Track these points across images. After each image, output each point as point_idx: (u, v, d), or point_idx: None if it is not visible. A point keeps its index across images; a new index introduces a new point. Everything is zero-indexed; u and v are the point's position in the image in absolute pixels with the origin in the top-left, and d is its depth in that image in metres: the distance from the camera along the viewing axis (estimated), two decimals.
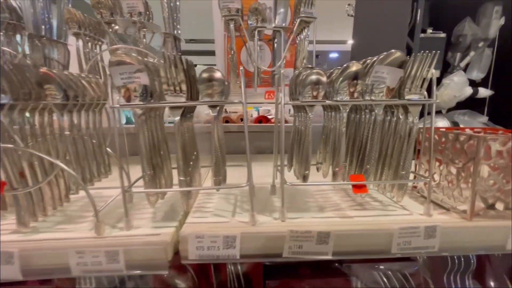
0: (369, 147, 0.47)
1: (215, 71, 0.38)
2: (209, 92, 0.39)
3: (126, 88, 0.39)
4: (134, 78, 0.39)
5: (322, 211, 0.49)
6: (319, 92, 0.40)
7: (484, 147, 0.43)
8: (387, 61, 0.40)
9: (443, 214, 0.48)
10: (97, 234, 0.42)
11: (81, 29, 0.65)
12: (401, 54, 0.39)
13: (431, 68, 0.42)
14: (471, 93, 0.97)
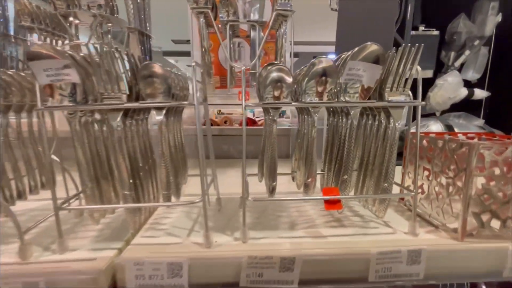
0: (346, 156, 0.41)
1: (154, 66, 0.32)
2: (149, 92, 0.33)
3: (51, 86, 0.33)
4: (63, 76, 0.33)
5: (292, 229, 0.43)
6: (282, 91, 0.34)
7: (478, 155, 0.37)
8: (361, 56, 0.33)
9: (431, 233, 0.42)
10: (22, 258, 0.35)
11: (34, 23, 0.59)
12: (378, 47, 0.33)
13: (415, 64, 0.36)
14: (466, 94, 0.91)
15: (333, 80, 0.34)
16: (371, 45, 0.33)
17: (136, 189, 0.39)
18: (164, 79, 0.32)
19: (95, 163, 0.39)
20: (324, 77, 0.34)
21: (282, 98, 0.35)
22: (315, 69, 0.33)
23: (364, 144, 0.47)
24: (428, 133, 0.50)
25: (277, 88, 0.34)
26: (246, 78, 0.85)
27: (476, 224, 0.39)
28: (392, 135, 0.39)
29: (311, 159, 0.41)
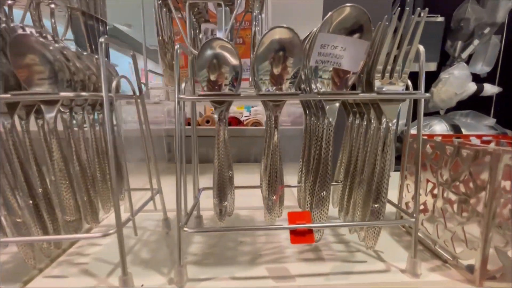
0: (322, 166, 0.30)
1: (28, 38, 0.21)
2: (25, 77, 0.22)
3: None
4: None
5: (253, 264, 0.32)
6: (222, 75, 0.24)
7: (504, 169, 0.26)
8: (335, 24, 0.23)
9: (438, 271, 0.31)
10: None
11: None
12: (360, 10, 0.23)
13: (416, 40, 0.25)
14: (474, 90, 0.80)
15: (297, 60, 0.24)
16: (350, 7, 0.22)
17: (34, 214, 0.28)
18: (43, 57, 0.22)
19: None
20: (282, 52, 0.23)
21: (223, 86, 0.24)
22: (269, 44, 0.23)
23: (350, 150, 0.36)
24: (432, 135, 0.39)
25: (213, 71, 0.23)
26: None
27: (501, 262, 0.28)
28: (384, 138, 0.28)
29: (276, 170, 0.30)
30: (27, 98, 0.23)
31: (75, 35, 0.52)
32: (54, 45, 0.23)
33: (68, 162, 0.27)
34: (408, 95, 0.26)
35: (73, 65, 0.25)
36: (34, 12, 0.50)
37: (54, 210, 0.30)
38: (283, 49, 0.23)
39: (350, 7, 0.22)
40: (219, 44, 0.23)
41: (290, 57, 0.23)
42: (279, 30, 0.22)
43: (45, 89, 0.23)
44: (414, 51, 0.26)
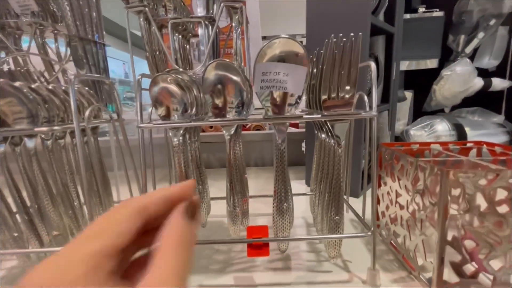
0: (278, 182, 0.31)
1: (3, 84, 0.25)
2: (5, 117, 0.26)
3: None
4: None
5: (222, 273, 0.35)
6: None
7: (455, 184, 0.26)
8: (269, 56, 0.24)
9: (400, 282, 0.31)
10: None
11: None
12: (291, 41, 0.24)
13: (357, 59, 0.26)
14: (481, 85, 0.76)
15: (237, 93, 0.25)
16: (280, 40, 0.24)
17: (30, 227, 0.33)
18: (19, 100, 0.26)
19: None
20: (220, 86, 0.25)
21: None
22: (205, 78, 0.25)
23: (317, 161, 0.38)
24: (393, 144, 0.39)
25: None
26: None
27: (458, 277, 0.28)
28: (334, 155, 0.29)
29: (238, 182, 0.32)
30: (7, 134, 0.27)
31: (74, 58, 0.57)
32: (30, 86, 0.27)
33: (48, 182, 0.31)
34: (350, 115, 0.27)
35: (50, 101, 0.29)
36: (39, 39, 0.56)
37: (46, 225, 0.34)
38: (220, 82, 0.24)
39: (282, 39, 0.24)
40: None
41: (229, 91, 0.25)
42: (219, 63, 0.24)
43: (24, 126, 0.27)
44: (355, 73, 0.26)
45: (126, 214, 0.15)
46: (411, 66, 0.78)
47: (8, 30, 0.56)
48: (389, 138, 0.67)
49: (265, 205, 0.54)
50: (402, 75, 0.82)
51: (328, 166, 0.32)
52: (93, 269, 0.13)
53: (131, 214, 0.15)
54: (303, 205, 0.53)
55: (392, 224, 0.37)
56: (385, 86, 0.66)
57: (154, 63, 0.57)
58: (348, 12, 0.52)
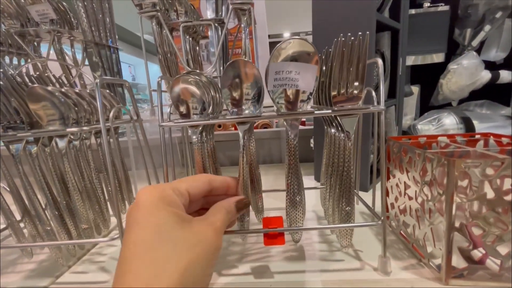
0: (291, 176, 0.33)
1: (36, 90, 0.27)
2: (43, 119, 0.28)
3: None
4: None
5: (240, 261, 0.37)
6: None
7: (462, 174, 0.28)
8: (283, 56, 0.26)
9: (410, 269, 0.33)
10: None
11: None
12: (303, 42, 0.25)
13: (365, 57, 0.27)
14: (489, 78, 0.76)
15: (254, 84, 0.27)
16: (293, 41, 0.25)
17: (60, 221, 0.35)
18: (52, 103, 0.28)
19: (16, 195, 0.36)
20: (238, 79, 0.26)
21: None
22: (226, 76, 0.26)
23: (328, 155, 0.39)
24: (399, 138, 0.41)
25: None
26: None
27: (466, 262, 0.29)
28: (344, 149, 0.31)
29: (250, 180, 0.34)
30: (42, 135, 0.29)
31: (90, 62, 0.60)
32: (61, 90, 0.29)
33: (79, 179, 0.33)
34: (360, 109, 0.28)
35: (78, 104, 0.31)
36: (57, 46, 0.59)
37: (75, 219, 0.36)
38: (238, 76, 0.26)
39: (295, 40, 0.25)
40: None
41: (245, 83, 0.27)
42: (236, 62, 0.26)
43: (56, 127, 0.29)
44: (363, 69, 0.28)
45: (202, 178, 0.25)
46: (417, 61, 0.79)
47: (28, 38, 0.59)
48: (397, 132, 0.68)
49: (275, 200, 0.56)
50: (408, 70, 0.83)
51: (338, 160, 0.33)
52: (175, 195, 0.22)
53: (205, 179, 0.25)
54: (314, 199, 0.55)
55: (401, 215, 0.39)
56: (392, 81, 0.67)
57: (166, 64, 0.59)
58: (354, 9, 0.53)
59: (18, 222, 0.37)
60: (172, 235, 0.19)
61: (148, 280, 0.16)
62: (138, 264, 0.17)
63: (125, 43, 3.90)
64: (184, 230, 0.20)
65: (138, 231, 0.18)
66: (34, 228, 0.37)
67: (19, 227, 0.36)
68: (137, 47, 4.26)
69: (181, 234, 0.19)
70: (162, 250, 0.18)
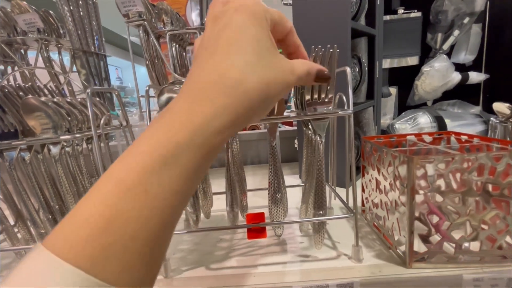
0: (272, 175, 0.36)
1: (30, 101, 0.29)
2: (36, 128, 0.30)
3: None
4: None
5: (227, 257, 0.39)
6: None
7: (419, 169, 0.31)
8: None
9: (381, 256, 0.36)
10: None
11: None
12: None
13: (334, 67, 0.30)
14: (459, 79, 0.81)
15: None
16: None
17: (53, 224, 0.37)
18: (45, 113, 0.30)
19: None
20: None
21: None
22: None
23: (307, 156, 0.42)
24: (372, 137, 0.44)
25: None
26: None
27: (426, 247, 0.33)
28: (317, 149, 0.34)
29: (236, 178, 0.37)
30: (38, 142, 0.31)
31: (78, 70, 0.61)
32: (53, 101, 0.31)
33: (71, 183, 0.35)
34: (330, 114, 0.32)
35: (71, 113, 0.33)
36: (44, 53, 0.60)
37: None
38: None
39: None
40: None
41: None
42: None
43: (49, 135, 0.31)
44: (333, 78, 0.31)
45: (289, 24, 0.23)
46: (393, 63, 0.84)
47: (15, 46, 0.60)
48: (376, 132, 0.72)
49: (262, 199, 0.59)
50: (386, 73, 0.88)
51: (314, 158, 0.37)
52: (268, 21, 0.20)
53: (290, 25, 0.23)
54: (297, 197, 0.58)
55: (375, 208, 0.42)
56: (370, 83, 0.71)
57: (153, 70, 0.61)
58: (330, 18, 0.57)
59: (12, 226, 0.38)
60: (268, 54, 0.18)
61: (243, 68, 0.17)
62: (243, 46, 0.17)
63: (111, 45, 3.85)
64: (277, 57, 0.19)
65: (241, 23, 0.18)
66: (27, 232, 0.39)
67: (13, 231, 0.38)
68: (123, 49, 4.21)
69: (275, 59, 0.19)
70: (262, 56, 0.18)
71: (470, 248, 0.32)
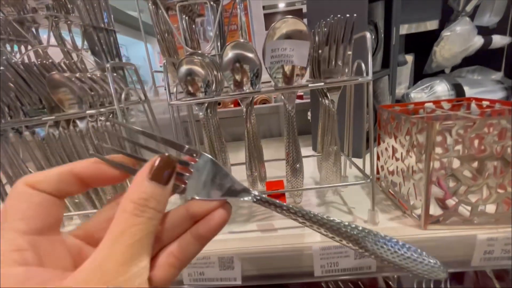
0: (290, 145, 0.37)
1: (55, 77, 0.30)
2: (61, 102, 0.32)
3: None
4: None
5: (247, 222, 0.42)
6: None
7: (439, 134, 0.32)
8: (278, 35, 0.28)
9: (396, 220, 0.38)
10: None
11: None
12: (295, 20, 0.28)
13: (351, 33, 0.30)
14: (482, 44, 0.77)
15: (252, 66, 0.30)
16: (286, 20, 0.28)
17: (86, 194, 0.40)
18: (71, 89, 0.31)
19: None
20: (238, 64, 0.29)
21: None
22: (227, 58, 0.29)
23: (323, 126, 0.43)
24: (389, 106, 0.44)
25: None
26: None
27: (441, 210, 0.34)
28: (332, 118, 0.34)
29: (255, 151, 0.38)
30: (66, 117, 0.32)
31: (90, 45, 0.61)
32: (76, 76, 0.32)
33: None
34: (349, 81, 0.31)
35: (91, 89, 0.34)
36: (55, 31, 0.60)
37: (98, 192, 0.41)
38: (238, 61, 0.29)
39: (287, 19, 0.28)
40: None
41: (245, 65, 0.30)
42: (236, 44, 0.29)
43: (75, 110, 0.32)
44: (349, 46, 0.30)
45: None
46: (411, 29, 0.79)
47: (26, 24, 0.60)
48: (390, 102, 0.71)
49: (276, 170, 0.60)
50: (402, 39, 0.83)
51: (330, 127, 0.37)
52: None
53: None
54: (311, 167, 0.60)
55: (390, 175, 0.43)
56: (385, 51, 0.69)
57: (164, 44, 0.61)
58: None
59: None
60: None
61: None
62: None
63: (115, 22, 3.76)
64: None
65: None
66: None
67: None
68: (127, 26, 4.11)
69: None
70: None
71: (486, 211, 0.33)
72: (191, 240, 0.17)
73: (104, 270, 0.13)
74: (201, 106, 0.34)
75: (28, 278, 0.12)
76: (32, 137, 0.38)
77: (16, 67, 0.32)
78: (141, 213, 0.14)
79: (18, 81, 0.33)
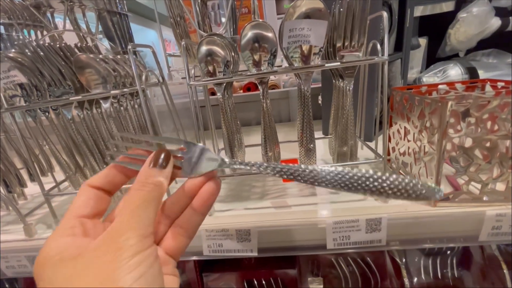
0: (305, 124, 0.38)
1: (83, 58, 0.32)
2: (86, 83, 0.33)
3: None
4: (12, 77, 0.35)
5: (261, 199, 0.44)
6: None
7: (452, 114, 0.32)
8: (297, 14, 0.29)
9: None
10: (27, 236, 0.42)
11: (12, 19, 0.60)
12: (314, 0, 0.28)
13: (365, 11, 0.30)
14: (499, 25, 0.75)
15: (271, 45, 0.31)
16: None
17: None
18: (96, 69, 0.32)
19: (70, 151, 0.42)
20: (257, 43, 0.30)
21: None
22: (246, 36, 0.30)
23: (336, 108, 0.43)
24: (403, 88, 0.44)
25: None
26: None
27: (452, 188, 0.35)
28: (346, 98, 0.35)
29: (270, 131, 0.39)
30: (92, 97, 0.34)
31: (104, 30, 0.62)
32: (100, 57, 0.33)
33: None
34: (365, 61, 0.32)
35: (114, 70, 0.35)
36: (70, 15, 0.61)
37: None
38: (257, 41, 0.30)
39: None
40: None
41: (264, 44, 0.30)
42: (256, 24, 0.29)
43: (100, 90, 0.34)
44: (364, 25, 0.30)
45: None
46: (426, 11, 0.78)
47: (42, 9, 0.61)
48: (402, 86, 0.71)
49: (288, 153, 0.62)
50: (416, 22, 0.82)
51: (343, 109, 0.38)
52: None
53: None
54: (322, 150, 0.61)
55: (401, 156, 0.44)
56: (399, 34, 0.68)
57: (177, 27, 0.61)
58: None
59: (73, 174, 0.44)
60: None
61: None
62: None
63: None
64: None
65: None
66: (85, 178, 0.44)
67: (75, 178, 0.44)
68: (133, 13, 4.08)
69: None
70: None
71: (496, 188, 0.34)
72: (192, 212, 0.21)
73: (113, 235, 0.18)
74: (219, 87, 0.35)
75: (72, 242, 0.18)
76: (57, 118, 0.40)
77: (41, 50, 0.34)
78: (142, 187, 0.19)
79: (45, 63, 0.34)
